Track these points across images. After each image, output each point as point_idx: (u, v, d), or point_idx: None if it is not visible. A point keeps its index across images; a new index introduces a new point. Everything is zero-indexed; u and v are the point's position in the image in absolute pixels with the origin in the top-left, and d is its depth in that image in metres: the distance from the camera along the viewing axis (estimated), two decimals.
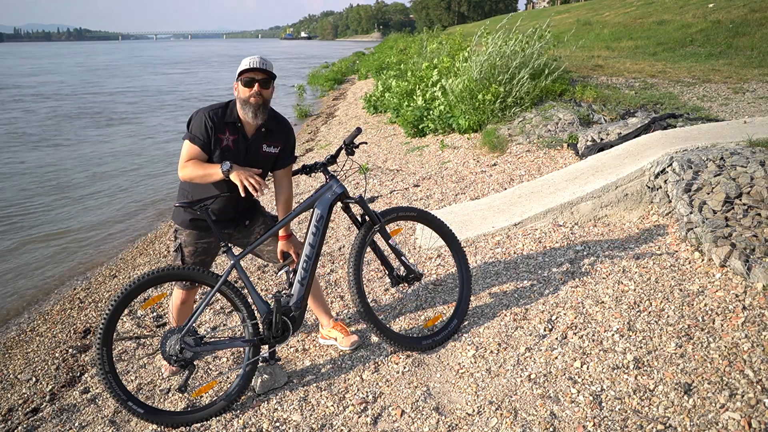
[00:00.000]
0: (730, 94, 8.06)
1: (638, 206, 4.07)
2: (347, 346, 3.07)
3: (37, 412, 3.08)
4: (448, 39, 14.62)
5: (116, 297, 2.54)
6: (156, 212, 7.58)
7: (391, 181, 6.49)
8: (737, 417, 2.06)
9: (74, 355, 3.80)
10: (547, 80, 7.63)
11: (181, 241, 2.90)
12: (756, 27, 13.31)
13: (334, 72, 26.19)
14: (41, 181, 9.09)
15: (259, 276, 4.40)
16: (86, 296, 4.92)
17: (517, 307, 3.20)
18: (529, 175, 5.59)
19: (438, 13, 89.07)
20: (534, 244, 3.94)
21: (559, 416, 2.30)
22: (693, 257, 3.25)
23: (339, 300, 3.75)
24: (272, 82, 2.71)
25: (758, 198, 3.26)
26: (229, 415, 2.65)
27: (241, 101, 2.68)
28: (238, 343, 2.77)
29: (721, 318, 2.64)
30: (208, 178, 2.64)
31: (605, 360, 2.56)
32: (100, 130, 13.77)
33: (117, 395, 2.53)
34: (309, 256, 2.80)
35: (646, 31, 16.24)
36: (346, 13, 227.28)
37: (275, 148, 2.83)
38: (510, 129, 6.94)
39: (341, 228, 5.16)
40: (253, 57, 2.68)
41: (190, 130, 2.68)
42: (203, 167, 2.64)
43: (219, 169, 2.57)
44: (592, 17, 22.76)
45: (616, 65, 11.01)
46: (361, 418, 2.52)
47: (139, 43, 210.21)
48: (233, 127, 2.71)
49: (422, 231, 4.47)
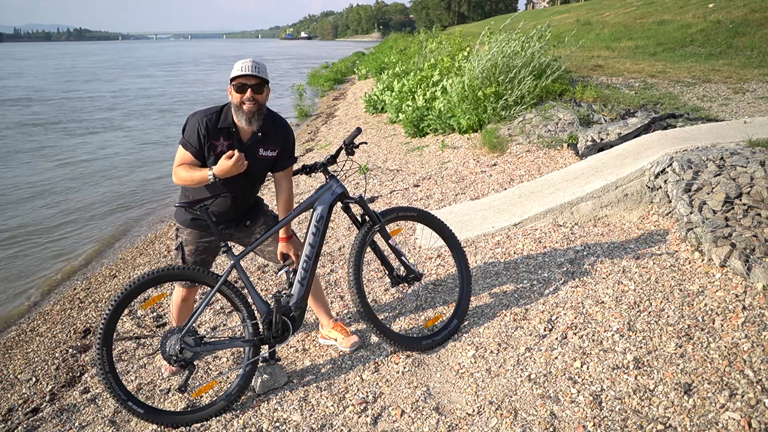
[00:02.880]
0: (730, 94, 8.06)
1: (638, 206, 4.07)
2: (347, 346, 3.06)
3: (37, 412, 3.08)
4: (448, 39, 14.62)
5: (116, 297, 2.54)
6: (156, 213, 7.58)
7: (391, 181, 6.49)
8: (737, 417, 2.06)
9: (74, 355, 3.80)
10: (547, 80, 7.64)
11: (182, 239, 2.90)
12: (756, 27, 13.31)
13: (334, 72, 26.17)
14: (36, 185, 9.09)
15: (259, 276, 4.40)
16: (86, 296, 4.91)
17: (517, 307, 3.19)
18: (529, 175, 5.59)
19: (438, 13, 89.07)
20: (534, 244, 3.94)
21: (559, 416, 2.30)
22: (693, 257, 3.25)
23: (339, 300, 3.75)
24: (266, 86, 2.66)
25: (758, 198, 3.26)
26: (229, 415, 2.65)
27: (235, 107, 2.64)
28: (238, 343, 2.77)
29: (721, 318, 2.64)
30: (198, 183, 2.64)
31: (605, 360, 2.56)
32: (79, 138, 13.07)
33: (117, 395, 2.53)
34: (309, 256, 2.79)
35: (646, 31, 16.23)
36: (346, 13, 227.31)
37: (273, 152, 2.79)
38: (510, 129, 6.94)
39: (341, 228, 5.16)
40: (245, 61, 2.62)
41: (184, 135, 2.67)
42: (192, 172, 2.63)
43: (206, 175, 2.58)
44: (592, 17, 22.75)
45: (616, 65, 11.01)
46: (361, 418, 2.52)
47: (137, 44, 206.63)
48: (227, 132, 2.67)
49: (422, 231, 4.47)
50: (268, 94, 2.70)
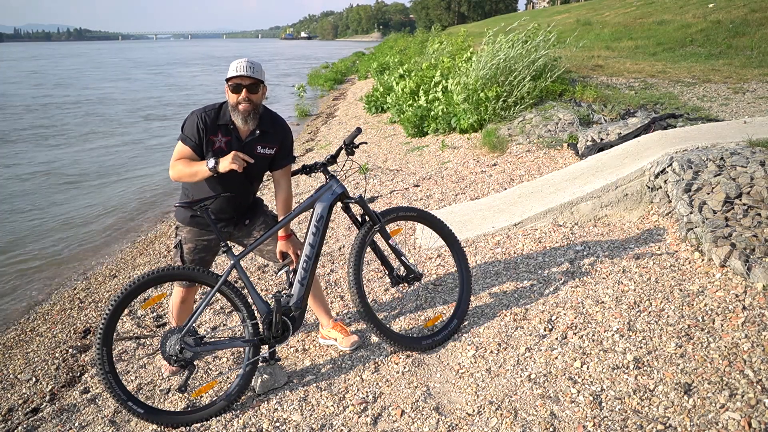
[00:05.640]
0: (730, 94, 8.06)
1: (638, 206, 4.07)
2: (347, 346, 3.06)
3: (37, 412, 3.08)
4: (449, 39, 14.62)
5: (116, 297, 2.54)
6: (156, 213, 7.58)
7: (391, 181, 6.49)
8: (737, 417, 2.06)
9: (74, 355, 3.80)
10: (547, 81, 7.64)
11: (182, 237, 2.90)
12: (756, 27, 13.31)
13: (334, 72, 26.16)
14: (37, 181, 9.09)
15: (259, 276, 4.40)
16: (86, 296, 4.91)
17: (517, 307, 3.19)
18: (529, 175, 5.59)
19: (438, 13, 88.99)
20: (534, 244, 3.94)
21: (559, 416, 2.30)
22: (693, 257, 3.25)
23: (339, 300, 3.75)
24: (261, 86, 2.68)
25: (758, 198, 3.26)
26: (229, 415, 2.65)
27: (231, 106, 2.67)
28: (238, 343, 2.77)
29: (721, 318, 2.64)
30: (196, 177, 2.64)
31: (605, 360, 2.56)
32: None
33: (117, 395, 2.53)
34: (309, 256, 2.80)
35: (646, 31, 16.23)
36: (346, 13, 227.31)
37: (271, 150, 2.81)
38: (510, 129, 6.95)
39: (341, 228, 5.16)
40: (240, 61, 2.64)
41: (183, 131, 2.69)
42: (190, 165, 2.64)
43: (205, 167, 2.58)
44: (592, 17, 22.75)
45: (616, 65, 11.01)
46: (361, 418, 2.52)
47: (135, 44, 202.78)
48: (226, 129, 2.70)
49: (422, 231, 4.47)
50: (263, 94, 2.73)
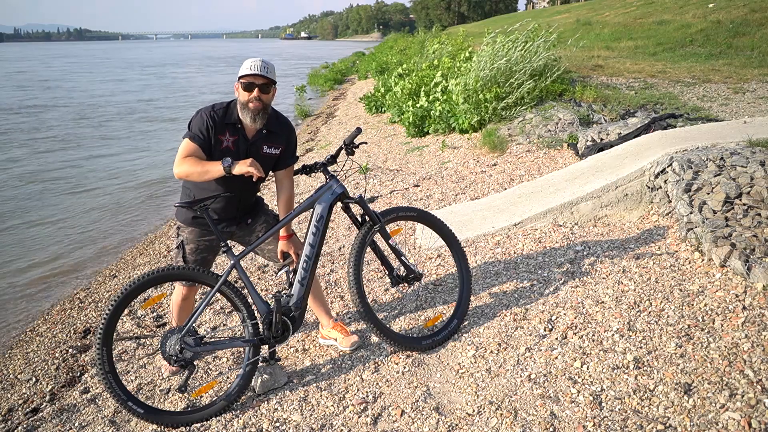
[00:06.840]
0: (730, 94, 8.06)
1: (638, 206, 4.07)
2: (347, 346, 3.06)
3: (37, 412, 3.08)
4: (449, 39, 14.62)
5: (116, 297, 2.54)
6: (156, 213, 7.58)
7: (391, 181, 6.49)
8: (737, 417, 2.06)
9: (74, 355, 3.80)
10: (547, 81, 7.64)
11: (183, 238, 2.90)
12: (756, 27, 13.31)
13: (333, 72, 26.17)
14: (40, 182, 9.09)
15: (259, 276, 4.40)
16: (86, 296, 4.92)
17: (517, 307, 3.19)
18: (529, 175, 5.59)
19: (438, 13, 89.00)
20: (534, 244, 3.94)
21: (559, 416, 2.30)
22: (693, 257, 3.25)
23: (339, 300, 3.75)
24: (273, 87, 2.69)
25: (758, 198, 3.26)
26: (229, 415, 2.65)
27: (240, 104, 2.68)
28: (238, 343, 2.77)
29: (721, 318, 2.64)
30: (206, 175, 2.60)
31: (605, 360, 2.56)
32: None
33: (117, 395, 2.53)
34: (309, 256, 2.80)
35: (646, 31, 16.23)
36: (346, 13, 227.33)
37: (276, 150, 2.82)
38: (510, 129, 6.95)
39: (341, 228, 5.16)
40: (255, 60, 2.64)
41: (191, 128, 2.67)
42: (202, 164, 2.61)
43: (220, 166, 2.55)
44: (592, 17, 22.74)
45: (616, 65, 11.01)
46: (361, 418, 2.52)
47: (135, 44, 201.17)
48: (233, 128, 2.70)
49: (422, 231, 4.47)
50: (273, 95, 2.73)
